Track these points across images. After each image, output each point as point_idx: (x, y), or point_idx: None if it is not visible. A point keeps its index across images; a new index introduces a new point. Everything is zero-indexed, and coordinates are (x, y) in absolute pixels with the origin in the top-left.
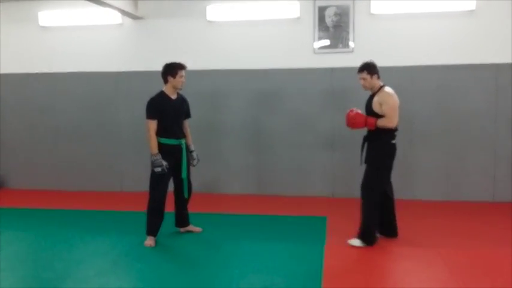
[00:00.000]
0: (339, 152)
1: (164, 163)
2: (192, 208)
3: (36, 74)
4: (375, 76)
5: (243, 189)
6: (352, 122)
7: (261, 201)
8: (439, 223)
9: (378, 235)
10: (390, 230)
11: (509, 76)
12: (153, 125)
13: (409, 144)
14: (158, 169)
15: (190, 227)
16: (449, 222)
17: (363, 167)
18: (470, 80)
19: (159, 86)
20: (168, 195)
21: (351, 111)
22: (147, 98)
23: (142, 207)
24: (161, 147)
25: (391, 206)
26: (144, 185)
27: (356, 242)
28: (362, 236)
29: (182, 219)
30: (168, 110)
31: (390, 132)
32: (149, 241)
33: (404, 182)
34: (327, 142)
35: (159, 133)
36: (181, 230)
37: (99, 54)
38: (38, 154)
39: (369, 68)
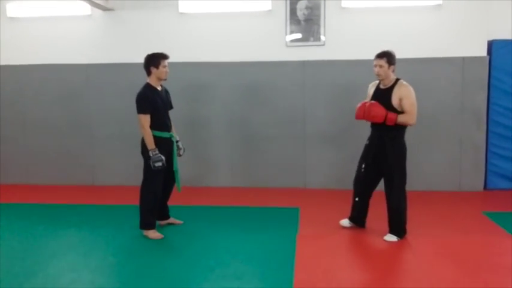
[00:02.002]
0: (311, 143)
1: (163, 157)
2: (169, 201)
3: (4, 66)
4: (392, 67)
5: (216, 182)
6: (372, 115)
7: (235, 193)
8: (407, 212)
9: (349, 224)
10: (361, 220)
11: (475, 69)
12: (147, 119)
13: None
14: (159, 163)
15: (171, 220)
16: (417, 211)
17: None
18: (437, 73)
19: (129, 78)
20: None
21: (371, 103)
22: (117, 90)
23: (114, 200)
24: (156, 140)
25: (369, 197)
26: (116, 179)
27: (392, 238)
28: (398, 232)
29: (163, 212)
30: (158, 103)
31: (405, 130)
32: (155, 233)
33: None
34: (299, 134)
35: (152, 126)
36: (162, 223)
37: (69, 46)
38: (5, 147)
39: (389, 56)
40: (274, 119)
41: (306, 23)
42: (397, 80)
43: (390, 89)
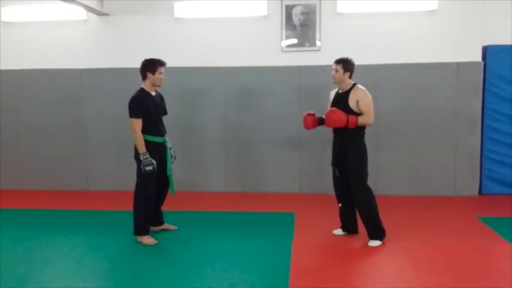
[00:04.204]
0: (306, 148)
1: (154, 162)
2: (163, 207)
3: None
4: (348, 74)
5: (211, 187)
6: (335, 120)
7: (230, 199)
8: (403, 217)
9: (342, 233)
10: (352, 226)
11: (470, 74)
12: (138, 123)
13: (374, 141)
14: (149, 167)
15: (165, 226)
16: (413, 217)
17: (329, 164)
18: (432, 78)
19: (124, 83)
20: None
21: (331, 110)
22: (112, 95)
23: (108, 206)
24: (147, 144)
25: (352, 201)
26: (110, 184)
27: (375, 243)
28: (377, 234)
29: (157, 218)
30: (151, 108)
31: (364, 132)
32: (149, 239)
33: (368, 178)
34: (294, 139)
35: (145, 131)
36: (156, 229)
37: (64, 51)
38: None
39: (346, 62)
40: (269, 124)
41: (302, 28)
42: (354, 84)
43: (347, 93)
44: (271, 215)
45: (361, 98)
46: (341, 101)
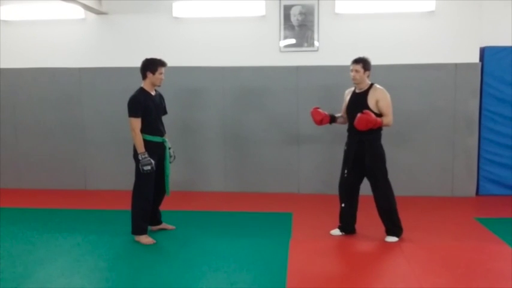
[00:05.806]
0: (304, 148)
1: (152, 161)
2: (161, 206)
3: None
4: (367, 73)
5: (209, 186)
6: (365, 124)
7: (228, 198)
8: (400, 218)
9: (340, 233)
10: (350, 227)
11: (467, 75)
12: (137, 123)
13: None
14: (148, 167)
15: (163, 225)
16: (410, 217)
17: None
18: (430, 79)
19: (123, 82)
20: None
21: (366, 112)
22: (110, 95)
23: (106, 205)
24: (146, 144)
25: (355, 203)
26: (108, 183)
27: (392, 239)
28: (395, 232)
29: (155, 217)
30: (151, 107)
31: (381, 133)
32: (147, 238)
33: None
34: (292, 139)
35: (144, 130)
36: (154, 228)
37: (62, 50)
38: None
39: (365, 62)
40: (268, 124)
41: (300, 28)
42: (372, 84)
43: (366, 93)
44: (269, 214)
45: (381, 98)
46: (359, 101)
